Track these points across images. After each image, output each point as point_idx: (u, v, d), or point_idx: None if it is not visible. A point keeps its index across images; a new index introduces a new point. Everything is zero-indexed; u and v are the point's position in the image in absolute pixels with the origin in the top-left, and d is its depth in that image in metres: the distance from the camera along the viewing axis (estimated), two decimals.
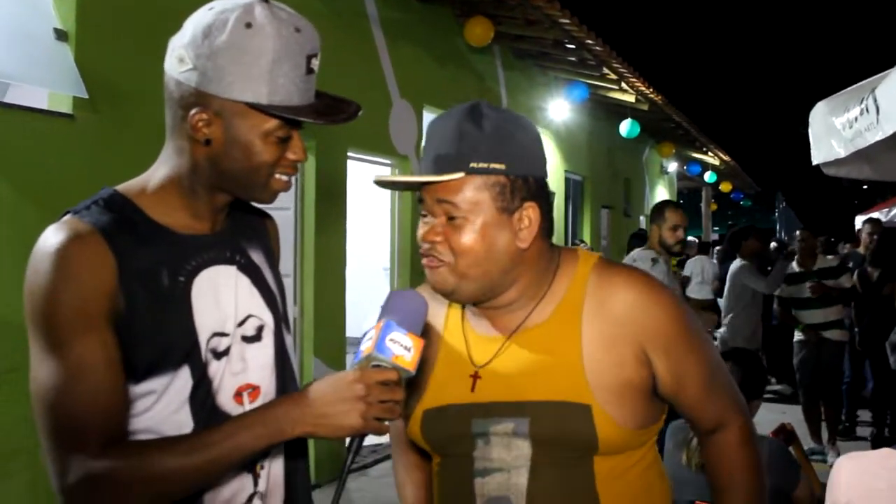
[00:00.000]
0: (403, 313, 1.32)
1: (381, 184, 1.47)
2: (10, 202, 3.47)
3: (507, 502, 1.41)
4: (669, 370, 1.44)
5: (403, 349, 1.27)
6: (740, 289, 6.69)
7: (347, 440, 1.31)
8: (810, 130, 4.18)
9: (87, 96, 3.82)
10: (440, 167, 1.37)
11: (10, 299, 3.60)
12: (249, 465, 1.38)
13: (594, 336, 1.42)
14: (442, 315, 1.55)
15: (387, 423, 1.28)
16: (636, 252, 5.05)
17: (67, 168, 3.72)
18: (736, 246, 6.99)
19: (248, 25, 1.25)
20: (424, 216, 1.42)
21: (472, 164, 1.36)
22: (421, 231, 1.42)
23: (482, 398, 1.44)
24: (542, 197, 1.44)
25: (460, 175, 1.36)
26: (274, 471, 1.44)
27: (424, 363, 1.45)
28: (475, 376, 1.45)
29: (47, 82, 3.80)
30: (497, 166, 1.37)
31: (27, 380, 1.27)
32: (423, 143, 1.44)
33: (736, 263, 6.82)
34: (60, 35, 3.84)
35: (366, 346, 1.28)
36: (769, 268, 7.09)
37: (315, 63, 1.31)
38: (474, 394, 1.44)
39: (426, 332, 1.38)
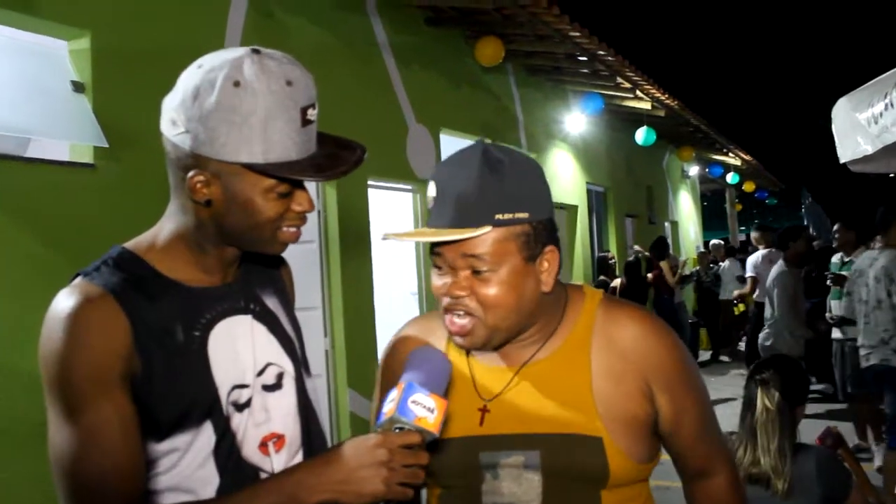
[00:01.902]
0: (426, 373, 1.28)
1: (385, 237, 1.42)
2: (39, 255, 3.49)
3: None
4: (671, 407, 1.45)
5: (426, 411, 1.22)
6: (793, 291, 6.55)
7: None
8: (834, 127, 4.11)
9: (107, 145, 3.86)
10: (463, 220, 1.31)
11: None
12: None
13: (603, 369, 1.42)
14: (442, 346, 1.51)
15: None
16: (875, 252, 5.17)
17: (93, 217, 3.75)
18: (783, 246, 6.79)
19: (237, 84, 1.21)
20: (439, 269, 1.37)
21: (498, 216, 1.31)
22: (440, 285, 1.37)
23: (491, 431, 1.42)
24: (557, 237, 1.43)
25: (488, 229, 1.31)
26: None
27: None
28: (484, 410, 1.44)
29: (67, 134, 3.84)
30: (521, 215, 1.33)
31: None
32: (430, 193, 1.37)
33: (781, 268, 6.62)
34: (77, 87, 3.88)
35: (388, 408, 1.23)
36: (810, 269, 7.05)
37: (312, 113, 1.27)
38: (482, 427, 1.43)
39: (449, 392, 1.34)
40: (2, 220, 3.39)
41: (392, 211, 7.19)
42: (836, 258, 6.71)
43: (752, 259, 9.45)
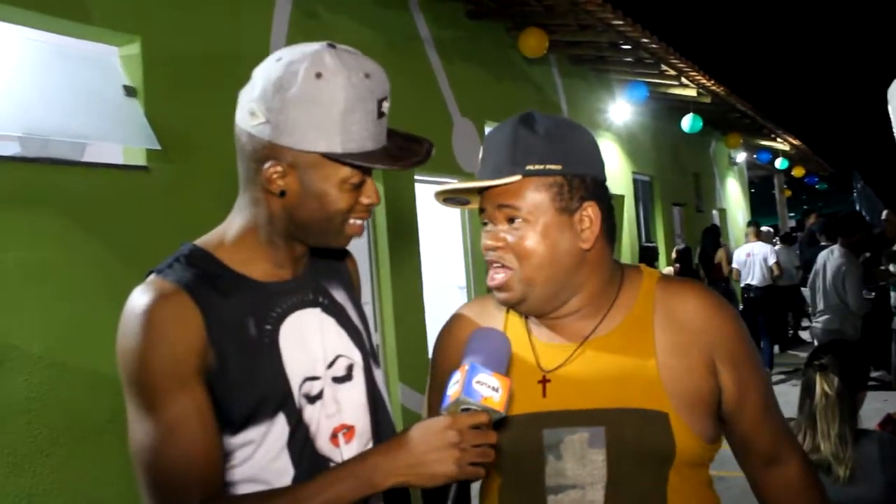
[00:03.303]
0: (487, 353, 1.29)
1: (442, 198, 1.48)
2: (98, 256, 3.57)
3: None
4: (735, 382, 1.43)
5: (491, 390, 1.24)
6: (858, 278, 6.60)
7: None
8: (890, 108, 4.02)
9: (159, 148, 3.93)
10: (497, 172, 1.38)
11: (104, 350, 3.71)
12: None
13: (667, 343, 1.41)
14: (500, 322, 1.53)
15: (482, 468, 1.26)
16: None
17: (147, 218, 3.83)
18: (843, 233, 6.78)
19: (318, 76, 1.24)
20: (486, 225, 1.43)
21: (529, 167, 1.37)
22: (483, 240, 1.43)
23: (554, 406, 1.41)
24: (602, 197, 1.44)
25: (517, 178, 1.37)
26: None
27: None
28: (544, 381, 1.43)
29: (121, 138, 3.92)
30: (553, 167, 1.38)
31: (125, 429, 1.29)
32: (479, 157, 1.46)
33: (845, 256, 6.65)
34: (129, 91, 3.96)
35: (453, 391, 1.25)
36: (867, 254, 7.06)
37: (386, 106, 1.31)
38: (546, 400, 1.42)
39: (510, 370, 1.36)
40: (61, 223, 3.48)
41: (439, 205, 7.20)
42: None
43: (741, 251, 10.75)
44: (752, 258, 10.36)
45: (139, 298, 1.27)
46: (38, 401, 3.30)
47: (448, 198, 1.48)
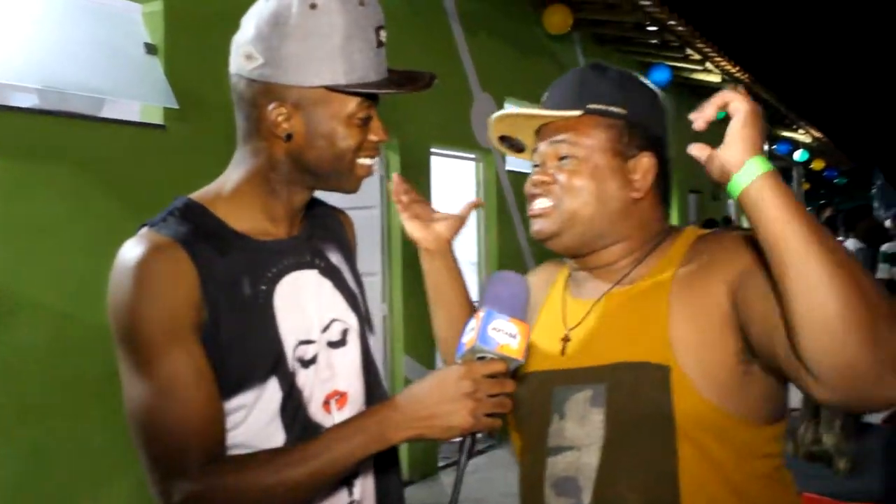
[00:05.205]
0: (504, 299, 1.20)
1: (498, 137, 1.46)
2: (111, 212, 3.59)
3: (573, 484, 1.27)
4: (750, 296, 1.18)
5: (508, 337, 1.16)
6: (870, 269, 6.67)
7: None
8: None
9: (177, 106, 3.93)
10: (557, 108, 1.36)
11: None
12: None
13: (684, 290, 1.26)
14: (548, 286, 1.51)
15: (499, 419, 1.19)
16: None
17: (162, 176, 3.83)
18: (851, 226, 6.99)
19: (313, 6, 1.21)
20: (536, 167, 1.40)
21: (591, 105, 1.34)
22: (530, 178, 1.39)
23: (569, 364, 1.34)
24: (660, 153, 1.41)
25: (578, 113, 1.34)
26: (366, 477, 1.38)
27: None
28: (565, 339, 1.38)
29: (140, 95, 3.92)
30: (617, 110, 1.35)
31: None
32: (542, 99, 1.45)
33: (855, 245, 6.81)
34: (150, 49, 3.95)
35: (468, 339, 1.18)
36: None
37: (383, 35, 1.28)
38: (563, 358, 1.36)
39: (529, 315, 1.25)
40: (76, 177, 3.49)
41: (454, 179, 7.18)
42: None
43: None
44: None
45: (132, 251, 1.21)
46: (46, 352, 3.33)
47: (505, 140, 1.45)
